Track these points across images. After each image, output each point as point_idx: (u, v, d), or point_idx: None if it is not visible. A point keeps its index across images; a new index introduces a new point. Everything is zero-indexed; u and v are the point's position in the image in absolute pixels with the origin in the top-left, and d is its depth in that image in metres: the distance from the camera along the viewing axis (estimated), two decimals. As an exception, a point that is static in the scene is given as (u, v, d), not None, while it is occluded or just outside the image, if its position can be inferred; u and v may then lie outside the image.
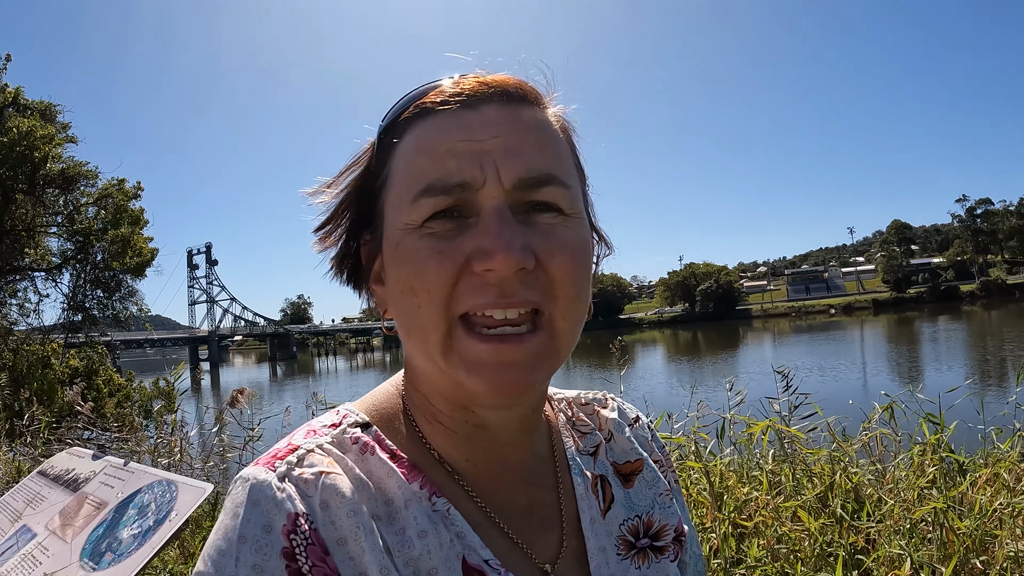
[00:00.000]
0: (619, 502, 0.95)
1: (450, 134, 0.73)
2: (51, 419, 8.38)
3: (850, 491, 3.66)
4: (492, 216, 0.71)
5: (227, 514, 0.70)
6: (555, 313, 0.73)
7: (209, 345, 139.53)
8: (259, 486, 0.71)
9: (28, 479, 3.04)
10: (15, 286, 23.87)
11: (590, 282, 0.79)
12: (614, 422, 1.02)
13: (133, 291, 25.16)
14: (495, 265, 0.68)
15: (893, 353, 47.73)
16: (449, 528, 0.76)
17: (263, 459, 0.75)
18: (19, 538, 2.60)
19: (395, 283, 0.76)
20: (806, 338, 76.09)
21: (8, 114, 21.33)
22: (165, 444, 6.77)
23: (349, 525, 0.71)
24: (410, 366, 0.85)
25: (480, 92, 0.75)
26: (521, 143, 0.73)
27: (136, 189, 23.56)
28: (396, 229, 0.75)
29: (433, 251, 0.71)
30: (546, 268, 0.72)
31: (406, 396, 0.86)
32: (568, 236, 0.74)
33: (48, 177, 21.86)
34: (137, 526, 2.25)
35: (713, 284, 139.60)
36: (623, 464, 0.99)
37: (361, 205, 0.84)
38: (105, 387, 20.93)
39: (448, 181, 0.71)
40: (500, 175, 0.71)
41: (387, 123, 0.80)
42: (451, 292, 0.71)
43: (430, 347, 0.74)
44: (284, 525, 0.68)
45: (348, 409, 0.85)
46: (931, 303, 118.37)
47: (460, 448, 0.82)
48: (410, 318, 0.75)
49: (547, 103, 0.81)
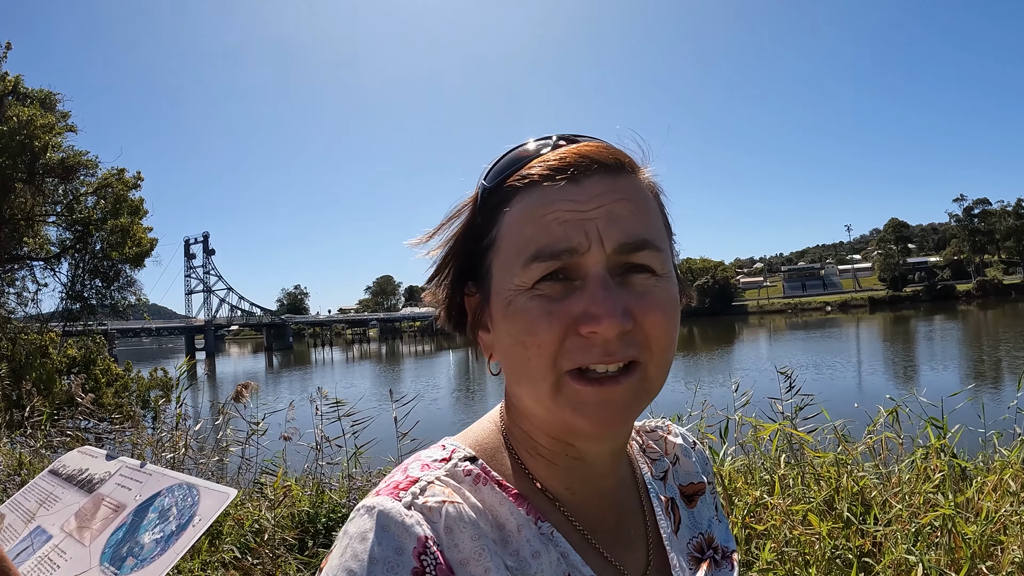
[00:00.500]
0: (685, 522, 1.05)
1: (557, 205, 0.80)
2: (51, 410, 8.39)
3: (856, 494, 3.68)
4: (597, 282, 0.78)
5: (353, 539, 0.76)
6: (650, 362, 0.81)
7: (206, 335, 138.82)
8: (387, 513, 0.76)
9: (40, 478, 3.01)
10: (14, 275, 23.86)
11: (678, 332, 0.86)
12: (681, 447, 1.12)
13: (132, 281, 25.18)
14: (601, 329, 0.76)
15: (889, 352, 47.83)
16: (555, 549, 0.84)
17: (385, 490, 0.81)
18: (34, 539, 2.58)
19: (506, 336, 0.83)
20: (802, 335, 76.24)
21: (8, 103, 21.26)
22: (168, 439, 6.78)
23: (472, 548, 0.77)
24: (512, 405, 0.93)
25: (582, 165, 0.82)
26: (620, 211, 0.81)
27: (136, 179, 23.54)
28: (507, 288, 0.82)
29: (543, 311, 0.79)
30: (642, 326, 0.80)
31: (508, 432, 0.94)
32: (660, 296, 0.82)
33: (48, 166, 21.83)
34: (159, 531, 2.25)
35: (710, 280, 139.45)
36: (687, 486, 1.10)
37: (465, 259, 0.91)
38: (103, 377, 20.90)
39: (556, 247, 0.79)
40: (603, 241, 0.79)
41: (492, 185, 0.88)
42: (559, 348, 0.78)
43: (540, 393, 0.81)
44: (415, 547, 0.74)
45: (455, 444, 0.91)
46: (927, 302, 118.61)
47: (560, 478, 0.90)
48: (521, 368, 0.82)
49: (641, 170, 0.89)
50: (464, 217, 0.92)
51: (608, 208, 0.80)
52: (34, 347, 18.59)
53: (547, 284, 0.79)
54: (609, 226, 0.79)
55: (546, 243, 0.79)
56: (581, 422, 0.80)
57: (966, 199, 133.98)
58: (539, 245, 0.79)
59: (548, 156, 0.85)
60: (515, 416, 0.92)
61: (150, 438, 7.06)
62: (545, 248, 0.79)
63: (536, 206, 0.81)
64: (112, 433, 7.93)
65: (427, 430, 6.20)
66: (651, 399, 0.84)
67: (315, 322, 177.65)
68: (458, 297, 0.94)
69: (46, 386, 15.63)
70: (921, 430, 4.58)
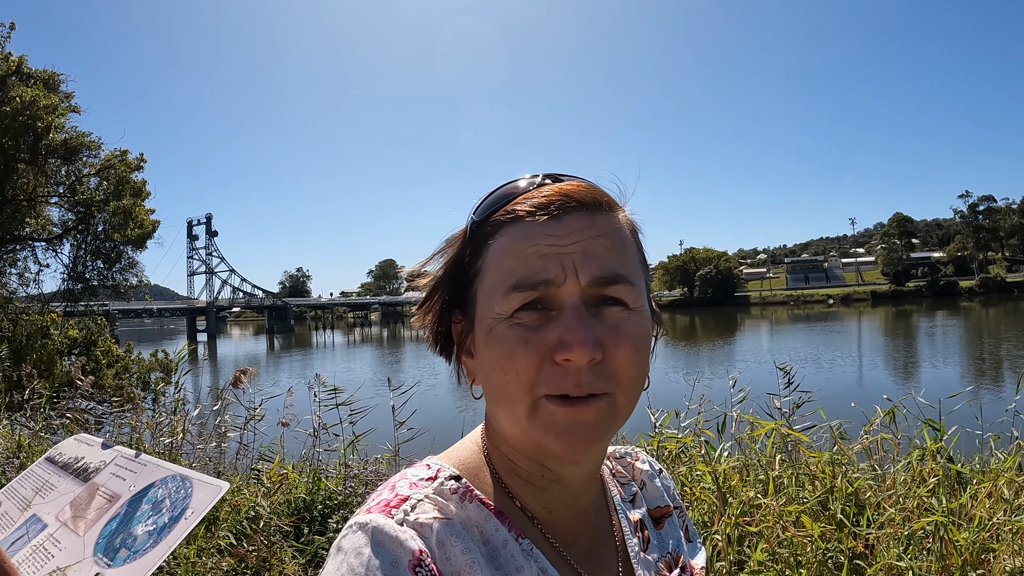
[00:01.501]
0: (653, 542, 1.11)
1: (537, 239, 0.86)
2: (51, 392, 8.40)
3: (850, 495, 3.69)
4: (571, 313, 0.83)
5: (349, 554, 0.79)
6: (618, 392, 0.86)
7: (207, 316, 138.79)
8: (382, 528, 0.80)
9: (36, 465, 3.02)
10: (15, 255, 23.86)
11: (648, 365, 0.92)
12: (647, 473, 1.19)
13: (133, 262, 25.18)
14: (573, 356, 0.81)
15: (890, 347, 47.86)
16: (535, 564, 0.89)
17: (376, 507, 0.85)
18: (29, 528, 2.59)
19: (487, 361, 0.88)
20: (803, 327, 76.30)
21: (11, 83, 21.19)
22: (167, 423, 6.79)
23: (464, 561, 0.82)
24: (492, 427, 0.98)
25: (563, 204, 0.88)
26: (596, 247, 0.87)
27: (139, 161, 23.48)
28: (489, 316, 0.88)
29: (521, 339, 0.84)
30: (611, 358, 0.85)
31: (488, 452, 0.99)
32: (631, 329, 0.87)
33: (50, 147, 21.77)
34: (152, 522, 2.25)
35: (712, 270, 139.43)
36: (654, 509, 1.16)
37: (453, 289, 0.97)
38: (104, 358, 20.90)
39: (535, 278, 0.84)
40: (578, 274, 0.84)
41: (480, 220, 0.93)
42: (537, 375, 0.83)
43: (518, 415, 0.86)
44: (410, 560, 0.78)
45: (439, 464, 0.96)
46: (929, 297, 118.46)
47: (538, 498, 0.95)
48: (500, 392, 0.87)
49: (619, 208, 0.95)
50: (454, 249, 0.97)
51: (585, 244, 0.86)
52: (35, 328, 18.60)
53: (525, 313, 0.85)
54: (585, 260, 0.85)
55: (525, 274, 0.85)
56: (553, 443, 0.85)
57: (971, 195, 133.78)
58: (519, 276, 0.85)
59: (532, 193, 0.91)
60: (495, 438, 0.97)
61: (149, 421, 7.07)
62: (524, 279, 0.84)
63: (518, 240, 0.87)
64: (112, 416, 7.94)
65: (425, 419, 6.22)
66: (620, 424, 0.89)
67: (317, 305, 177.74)
68: (445, 324, 1.00)
69: (47, 367, 15.64)
70: (919, 431, 4.57)
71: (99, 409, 8.32)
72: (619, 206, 0.95)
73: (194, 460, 6.54)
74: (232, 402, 7.29)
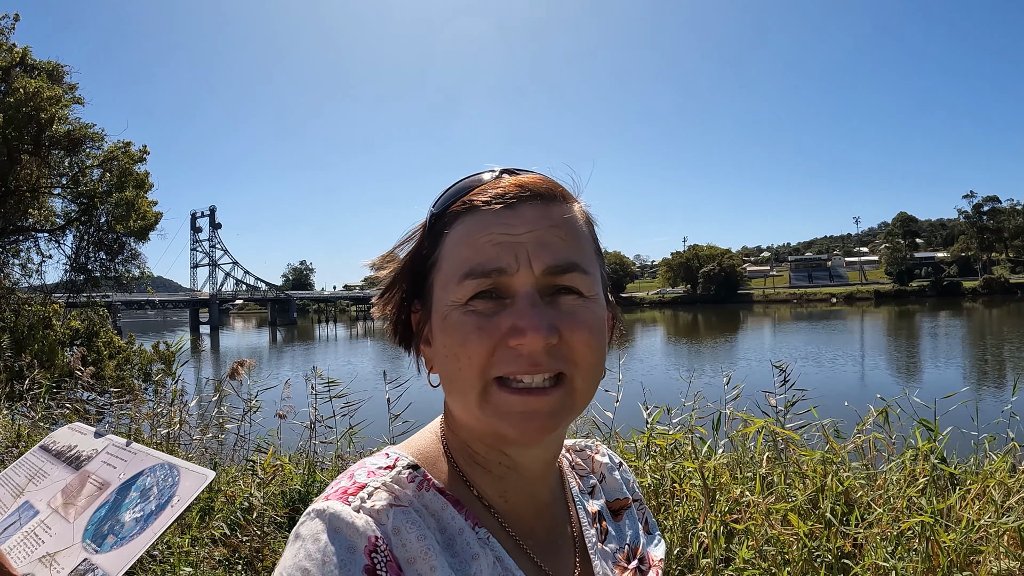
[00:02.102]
0: (611, 533, 1.12)
1: (492, 228, 0.88)
2: (51, 383, 8.43)
3: (840, 494, 3.69)
4: (524, 300, 0.85)
5: (306, 541, 0.80)
6: (576, 376, 0.88)
7: (210, 308, 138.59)
8: (338, 515, 0.81)
9: (31, 453, 3.05)
10: (18, 246, 23.87)
11: (605, 351, 0.94)
12: (607, 466, 1.20)
13: (136, 254, 25.19)
14: (526, 341, 0.83)
15: (892, 347, 47.76)
16: (491, 552, 0.90)
17: (334, 495, 0.86)
18: (21, 515, 2.62)
19: (442, 348, 0.90)
20: (806, 326, 76.16)
21: (15, 74, 21.20)
22: (165, 413, 6.82)
23: (419, 547, 0.82)
24: (450, 415, 0.99)
25: (518, 194, 0.90)
26: (550, 237, 0.88)
27: (142, 153, 23.49)
28: (444, 304, 0.89)
29: (475, 326, 0.86)
30: (568, 342, 0.86)
31: (446, 441, 1.00)
32: (586, 316, 0.89)
33: (54, 138, 21.78)
34: (139, 510, 2.28)
35: (716, 267, 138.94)
36: (613, 501, 1.17)
37: (412, 280, 0.98)
38: (105, 349, 20.96)
39: (488, 267, 0.86)
40: (532, 263, 0.86)
41: (438, 212, 0.95)
42: (489, 360, 0.85)
43: (469, 402, 0.88)
44: (365, 546, 0.79)
45: (398, 453, 0.97)
46: (933, 297, 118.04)
47: (495, 486, 0.97)
48: (453, 379, 0.89)
49: (573, 200, 0.96)
50: (415, 241, 0.99)
51: (539, 234, 0.88)
52: (37, 318, 18.64)
53: (480, 301, 0.87)
54: (539, 250, 0.87)
55: (479, 262, 0.86)
56: (507, 429, 0.86)
57: (976, 196, 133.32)
58: (472, 264, 0.87)
59: (489, 185, 0.92)
60: (453, 426, 0.99)
61: (149, 412, 7.10)
62: (477, 267, 0.86)
63: (473, 229, 0.89)
64: (112, 406, 7.98)
65: (420, 412, 6.24)
66: (578, 412, 0.91)
67: (320, 298, 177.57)
68: (404, 314, 1.01)
69: (48, 358, 15.69)
70: (915, 430, 4.58)
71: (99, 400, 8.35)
72: (574, 198, 0.97)
73: (191, 451, 6.58)
74: (230, 394, 7.34)
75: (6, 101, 20.52)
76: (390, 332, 1.04)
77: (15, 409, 7.89)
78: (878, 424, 4.75)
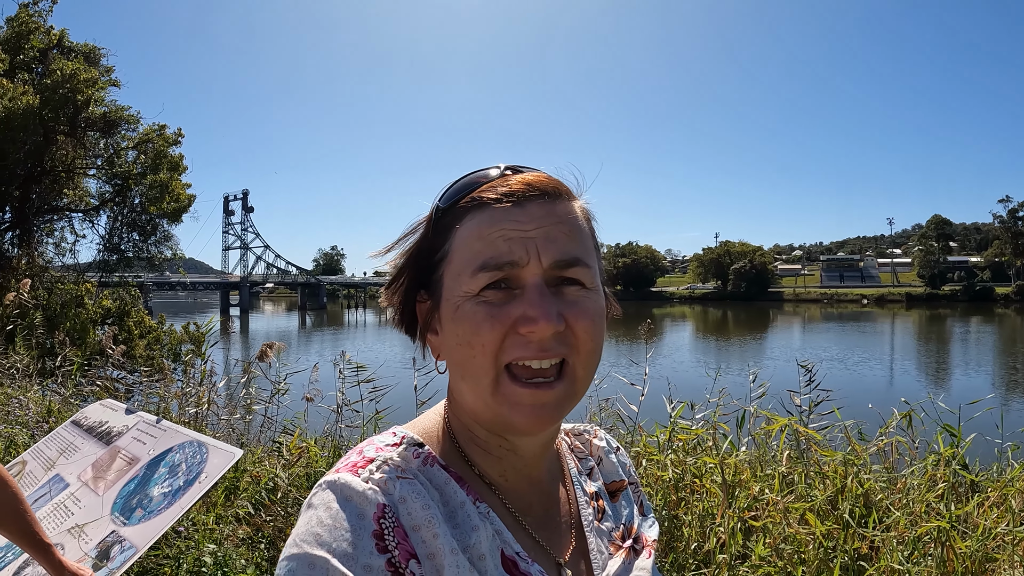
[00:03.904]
0: (608, 513, 1.17)
1: (503, 224, 0.93)
2: (82, 360, 8.55)
3: (860, 496, 3.68)
4: (534, 290, 0.91)
5: (318, 509, 0.86)
6: (577, 363, 0.94)
7: (240, 291, 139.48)
8: (349, 485, 0.87)
9: (62, 428, 3.13)
10: (53, 225, 24.28)
11: (603, 338, 0.99)
12: (603, 449, 1.26)
13: (168, 235, 25.44)
14: (537, 328, 0.89)
15: (922, 351, 47.17)
16: (491, 526, 0.95)
17: (344, 468, 0.91)
18: (52, 487, 2.69)
19: (453, 337, 0.95)
20: (836, 327, 75.45)
21: (52, 56, 21.52)
22: (193, 393, 6.91)
23: (423, 516, 0.87)
24: (455, 399, 1.04)
25: (525, 192, 0.95)
26: (556, 233, 0.94)
27: (176, 136, 23.72)
28: (456, 295, 0.94)
29: (487, 315, 0.91)
30: (573, 329, 0.92)
31: (450, 422, 1.05)
32: (589, 305, 0.95)
33: (90, 120, 22.07)
34: (167, 485, 2.34)
35: (747, 264, 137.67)
36: (610, 483, 1.23)
37: (419, 270, 1.03)
38: (136, 328, 21.17)
39: (500, 260, 0.91)
40: (541, 257, 0.92)
41: (446, 206, 1.00)
42: (500, 346, 0.91)
43: (481, 389, 0.93)
44: (374, 512, 0.85)
45: (404, 432, 1.01)
46: (964, 302, 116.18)
47: (495, 466, 1.03)
48: (466, 366, 0.94)
49: (576, 198, 1.02)
50: (419, 234, 1.04)
51: (546, 230, 0.93)
52: (69, 297, 18.88)
53: (491, 292, 0.92)
54: (546, 245, 0.92)
55: (491, 256, 0.91)
56: (517, 419, 0.92)
57: (1011, 200, 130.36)
58: (485, 257, 0.92)
59: (497, 183, 0.97)
60: (456, 410, 1.04)
61: (177, 392, 7.19)
62: (490, 260, 0.91)
63: (485, 225, 0.94)
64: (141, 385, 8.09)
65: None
66: (578, 400, 0.97)
67: (350, 283, 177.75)
68: (411, 303, 1.06)
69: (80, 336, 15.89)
70: (937, 435, 4.54)
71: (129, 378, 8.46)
72: (575, 196, 1.02)
73: (218, 430, 6.66)
74: (258, 376, 7.42)
75: (43, 83, 20.82)
76: (397, 321, 1.09)
77: (46, 385, 8.01)
78: (901, 428, 4.73)
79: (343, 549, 0.81)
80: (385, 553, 0.82)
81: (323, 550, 0.81)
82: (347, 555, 0.81)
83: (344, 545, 0.81)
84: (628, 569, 1.11)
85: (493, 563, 0.92)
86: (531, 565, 0.96)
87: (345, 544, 0.81)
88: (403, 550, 0.84)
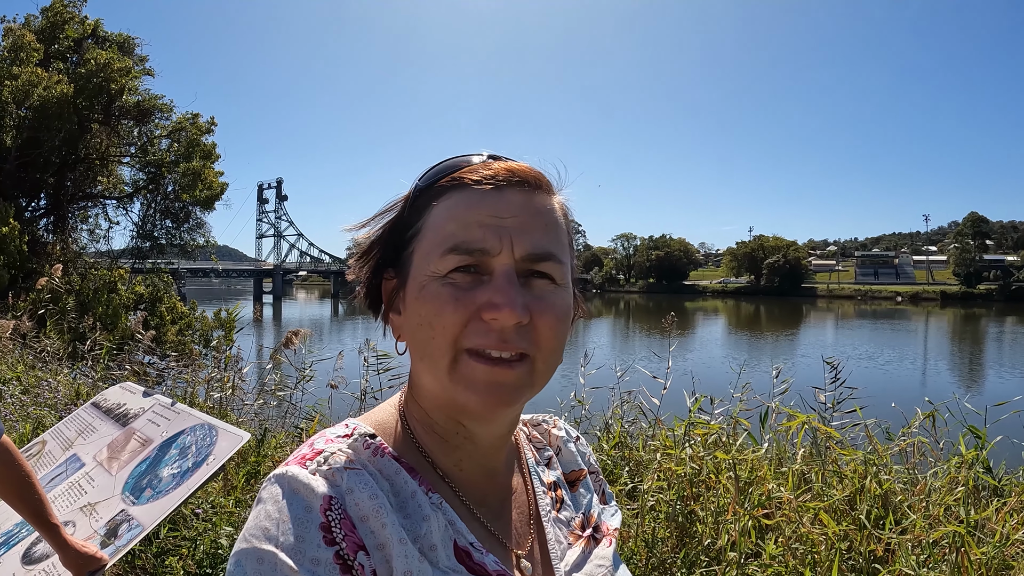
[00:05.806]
0: (567, 503, 1.17)
1: (479, 208, 0.92)
2: (112, 345, 8.68)
3: (878, 497, 3.63)
4: (503, 278, 0.90)
5: (267, 503, 0.86)
6: (538, 358, 0.92)
7: (274, 279, 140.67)
8: (296, 477, 0.86)
9: (82, 409, 3.19)
10: (87, 212, 24.81)
11: (567, 338, 0.97)
12: (562, 439, 1.25)
13: (201, 223, 25.88)
14: (501, 316, 0.87)
15: (955, 351, 46.51)
16: (443, 516, 0.94)
17: (293, 461, 0.91)
18: (69, 466, 2.75)
19: (415, 317, 0.94)
20: (869, 324, 74.59)
21: (87, 45, 21.89)
22: (219, 378, 7.00)
23: (371, 506, 0.86)
24: (415, 384, 1.03)
25: (506, 178, 0.94)
26: (532, 224, 0.93)
27: (209, 124, 24.05)
28: (423, 274, 0.93)
29: (452, 297, 0.90)
30: (536, 324, 0.91)
31: (406, 410, 1.04)
32: (556, 301, 0.94)
33: (124, 108, 22.52)
34: (177, 466, 2.37)
35: (781, 259, 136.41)
36: (569, 472, 1.22)
37: (389, 247, 1.02)
38: (168, 315, 21.43)
39: (472, 245, 0.90)
40: (513, 247, 0.91)
41: (425, 185, 0.99)
42: (461, 331, 0.89)
43: (438, 370, 0.92)
44: (321, 504, 0.84)
45: (356, 423, 1.01)
46: (1000, 302, 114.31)
47: (451, 455, 1.01)
48: (424, 346, 0.93)
49: (555, 192, 1.01)
50: (396, 211, 1.02)
51: (522, 220, 0.92)
52: (102, 283, 19.14)
53: (459, 275, 0.90)
54: (521, 236, 0.91)
55: (464, 239, 0.90)
56: (471, 399, 0.90)
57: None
58: (458, 240, 0.90)
59: (478, 167, 0.96)
60: (416, 395, 1.03)
61: (206, 377, 7.29)
62: (462, 244, 0.90)
63: (461, 206, 0.93)
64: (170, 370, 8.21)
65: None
66: (536, 391, 0.95)
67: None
68: (378, 279, 1.05)
69: (111, 321, 16.10)
70: (963, 435, 4.47)
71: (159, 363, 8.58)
72: (555, 191, 1.01)
73: (243, 416, 6.74)
74: (284, 362, 7.50)
75: (78, 72, 21.23)
76: (363, 296, 1.08)
77: (77, 368, 8.15)
78: (925, 428, 4.66)
79: (290, 542, 0.81)
80: (333, 545, 0.82)
81: (271, 544, 0.81)
82: (295, 548, 0.81)
83: (291, 538, 0.81)
84: (587, 558, 1.11)
85: (445, 553, 0.92)
86: (485, 555, 0.96)
87: (292, 537, 0.82)
88: (351, 542, 0.84)
